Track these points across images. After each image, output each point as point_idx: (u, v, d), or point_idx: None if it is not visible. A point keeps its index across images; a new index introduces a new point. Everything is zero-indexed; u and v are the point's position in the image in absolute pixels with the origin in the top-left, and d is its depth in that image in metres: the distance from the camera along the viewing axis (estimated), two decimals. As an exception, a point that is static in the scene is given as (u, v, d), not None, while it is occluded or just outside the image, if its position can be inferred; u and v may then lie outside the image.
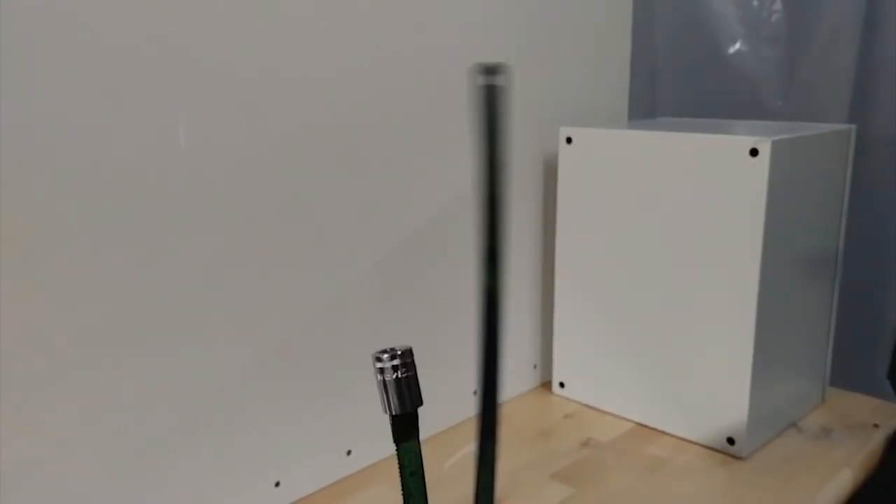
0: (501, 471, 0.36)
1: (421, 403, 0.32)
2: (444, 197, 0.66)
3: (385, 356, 0.31)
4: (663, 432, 0.68)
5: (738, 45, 0.83)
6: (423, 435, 0.33)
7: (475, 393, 0.71)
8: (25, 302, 0.43)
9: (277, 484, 0.57)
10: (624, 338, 0.70)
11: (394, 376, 0.31)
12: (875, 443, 0.66)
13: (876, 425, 0.69)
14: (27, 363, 0.43)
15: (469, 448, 0.65)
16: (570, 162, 0.72)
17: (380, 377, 0.31)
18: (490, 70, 0.27)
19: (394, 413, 0.31)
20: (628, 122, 0.84)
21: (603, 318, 0.72)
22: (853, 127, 0.70)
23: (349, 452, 0.61)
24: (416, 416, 0.32)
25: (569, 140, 0.71)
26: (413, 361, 0.32)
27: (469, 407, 0.70)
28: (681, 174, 0.63)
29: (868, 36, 0.77)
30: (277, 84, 0.52)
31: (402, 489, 0.33)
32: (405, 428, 0.32)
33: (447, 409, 0.68)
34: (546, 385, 0.79)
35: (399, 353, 0.31)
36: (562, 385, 0.77)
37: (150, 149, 0.47)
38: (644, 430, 0.69)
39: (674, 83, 0.89)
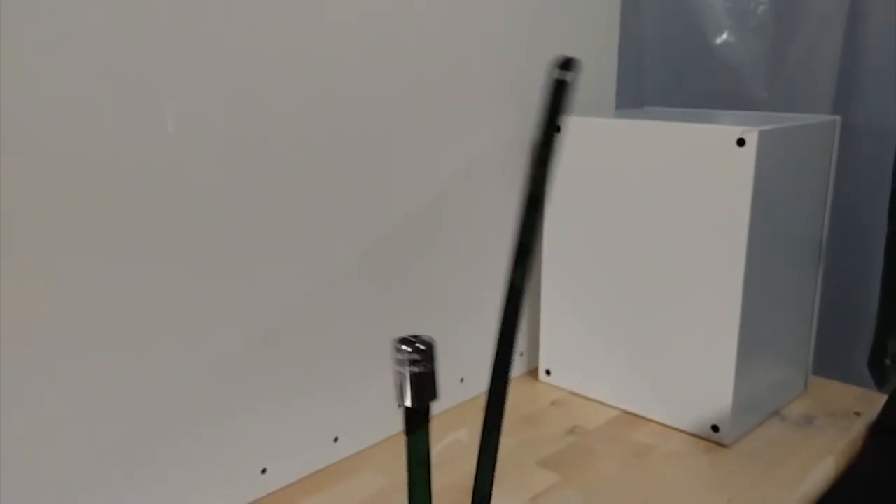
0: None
1: (436, 397, 0.30)
2: (433, 188, 0.65)
3: (407, 347, 0.29)
4: (649, 419, 0.69)
5: (724, 36, 0.84)
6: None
7: (462, 381, 0.71)
8: (12, 288, 0.42)
9: (264, 471, 0.56)
10: (610, 326, 0.70)
11: (415, 370, 0.29)
12: (857, 431, 0.67)
13: (857, 413, 0.70)
14: (15, 350, 0.42)
15: (454, 436, 0.65)
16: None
17: (399, 368, 0.29)
18: (564, 65, 0.25)
19: (410, 406, 0.30)
20: (615, 111, 0.84)
21: (589, 307, 0.72)
22: (838, 118, 0.70)
23: (336, 439, 0.61)
24: (429, 409, 0.30)
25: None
26: (434, 355, 0.29)
27: (454, 396, 0.70)
28: (668, 163, 0.64)
29: (853, 28, 0.77)
30: (269, 71, 0.52)
31: (409, 479, 0.31)
32: (418, 420, 0.30)
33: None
34: (532, 373, 0.79)
35: (423, 347, 0.29)
36: (548, 373, 0.77)
37: (137, 133, 0.46)
38: (630, 417, 0.70)
39: (661, 73, 0.89)
